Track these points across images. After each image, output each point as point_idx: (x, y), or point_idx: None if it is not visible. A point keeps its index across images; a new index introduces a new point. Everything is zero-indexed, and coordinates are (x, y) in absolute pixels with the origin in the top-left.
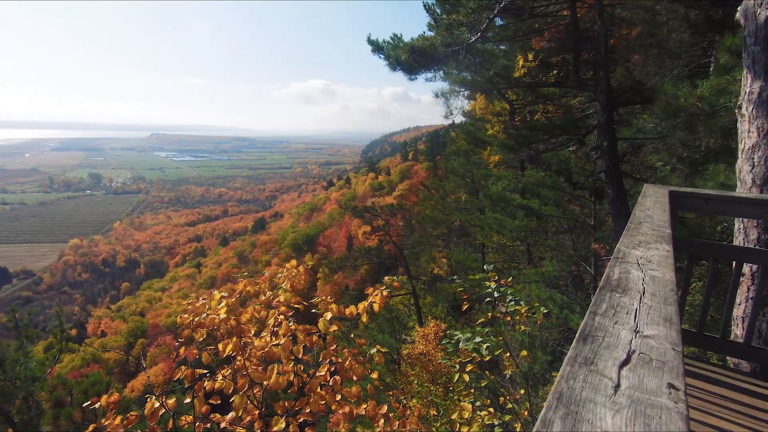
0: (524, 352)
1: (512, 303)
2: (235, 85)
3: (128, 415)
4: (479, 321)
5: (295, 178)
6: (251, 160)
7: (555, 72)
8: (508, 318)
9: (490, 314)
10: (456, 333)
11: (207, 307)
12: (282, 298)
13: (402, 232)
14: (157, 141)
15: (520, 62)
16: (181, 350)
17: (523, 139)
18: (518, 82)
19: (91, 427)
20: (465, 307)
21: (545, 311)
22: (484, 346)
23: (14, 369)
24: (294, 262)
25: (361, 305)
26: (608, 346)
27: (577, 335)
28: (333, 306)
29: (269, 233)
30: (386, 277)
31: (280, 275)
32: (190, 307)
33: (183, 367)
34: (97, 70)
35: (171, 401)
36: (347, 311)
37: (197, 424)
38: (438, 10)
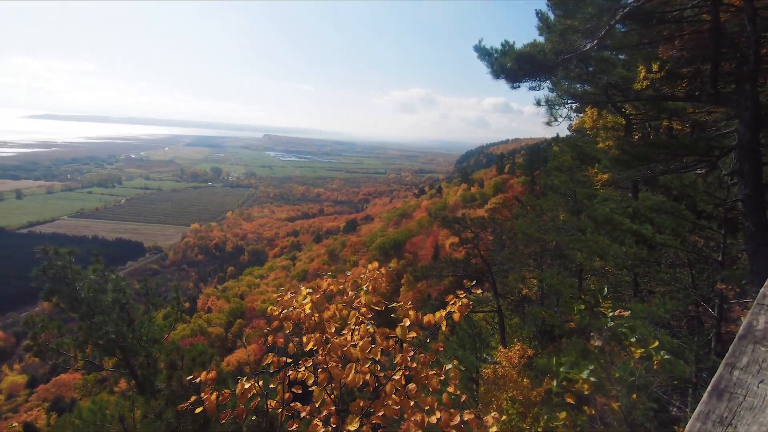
0: (633, 396)
1: (623, 336)
2: (340, 92)
3: (222, 391)
4: (575, 351)
5: (388, 183)
6: (349, 163)
7: (684, 84)
8: (618, 351)
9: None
10: (561, 360)
11: (294, 300)
12: (363, 300)
13: (491, 246)
14: (269, 141)
15: (642, 73)
16: (270, 337)
17: (641, 157)
18: (639, 95)
19: (192, 398)
20: (558, 334)
21: (654, 350)
22: (587, 376)
23: (140, 330)
24: (376, 264)
25: (439, 313)
26: (751, 407)
27: (709, 389)
28: (411, 312)
29: (359, 235)
30: (466, 281)
31: (363, 276)
32: (279, 299)
33: (271, 354)
34: (225, 75)
35: (259, 384)
36: (425, 319)
37: (279, 410)
38: (551, 16)
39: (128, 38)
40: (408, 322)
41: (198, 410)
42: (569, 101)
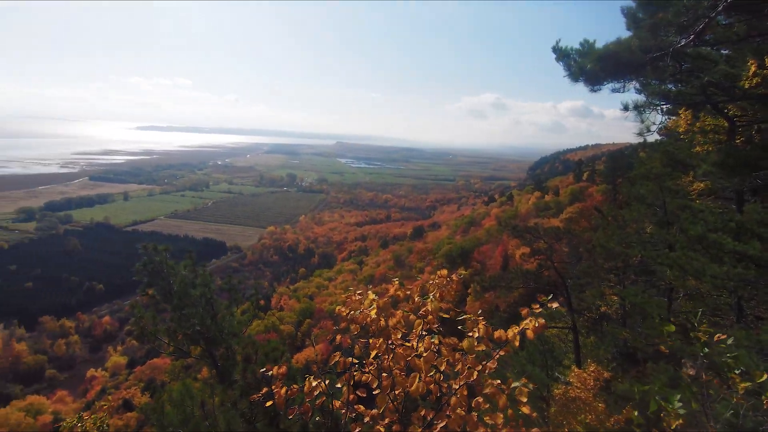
0: None
1: (724, 365)
2: (410, 100)
3: (291, 387)
4: (663, 378)
5: (457, 190)
6: (417, 170)
7: None
8: (716, 383)
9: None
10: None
11: (361, 303)
12: (430, 307)
13: (566, 259)
14: (340, 149)
15: (752, 69)
16: (337, 338)
17: (749, 162)
18: (747, 94)
19: (264, 390)
20: (641, 357)
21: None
22: (678, 408)
23: (222, 323)
24: (445, 271)
25: (512, 330)
26: None
27: None
28: (481, 325)
29: (426, 242)
30: (541, 296)
31: (431, 283)
32: (347, 300)
33: (338, 354)
34: (302, 87)
35: (325, 383)
36: (496, 334)
37: (344, 410)
38: (638, 11)
39: (218, 56)
40: (477, 335)
41: (269, 403)
42: (661, 103)
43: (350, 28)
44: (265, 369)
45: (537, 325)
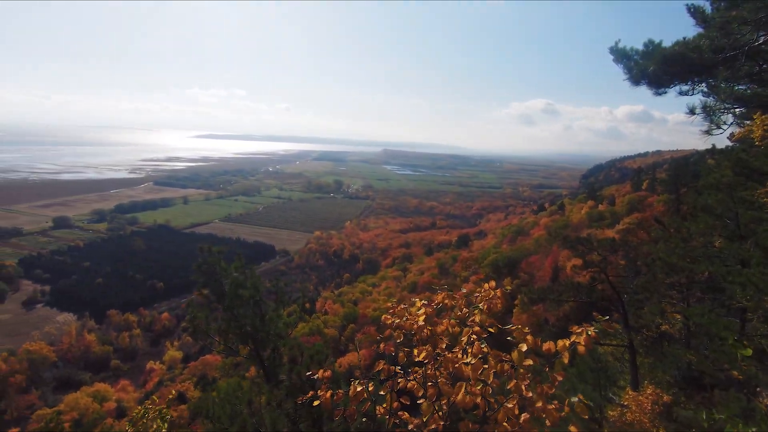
0: None
1: None
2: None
3: (337, 391)
4: (734, 406)
5: (504, 198)
6: (463, 177)
7: None
8: None
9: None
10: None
11: (407, 311)
12: (477, 318)
13: (622, 272)
14: (386, 156)
15: None
16: (381, 345)
17: None
18: None
19: (310, 393)
20: (708, 382)
21: None
22: None
23: (270, 325)
24: (492, 283)
25: (562, 343)
26: None
27: None
28: (530, 338)
29: (471, 250)
30: (596, 314)
31: (477, 295)
32: (393, 308)
33: (382, 362)
34: (350, 95)
35: (370, 389)
36: (545, 346)
37: (388, 417)
38: (707, 9)
39: (271, 67)
40: (525, 348)
41: (315, 403)
42: (734, 106)
43: (399, 36)
44: (311, 372)
45: (588, 337)
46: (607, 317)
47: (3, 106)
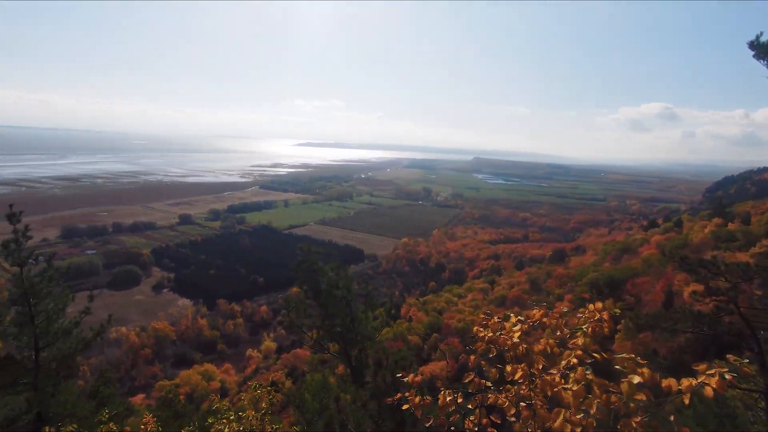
0: None
1: None
2: (555, 113)
3: (425, 397)
4: None
5: (608, 212)
6: (561, 188)
7: None
8: None
9: None
10: None
11: (501, 326)
12: (580, 341)
13: (758, 304)
14: (477, 164)
15: None
16: (471, 357)
17: None
18: None
19: (398, 395)
20: None
21: None
22: None
23: (359, 326)
24: (599, 304)
25: (688, 383)
26: None
27: None
28: (645, 370)
29: (567, 266)
30: (730, 356)
31: (580, 315)
32: (485, 320)
33: (472, 374)
34: (442, 103)
35: (458, 401)
36: (664, 383)
37: (476, 431)
38: None
39: (367, 78)
40: (637, 380)
41: (405, 407)
42: None
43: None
44: (401, 375)
45: (723, 381)
46: (746, 360)
47: (148, 120)
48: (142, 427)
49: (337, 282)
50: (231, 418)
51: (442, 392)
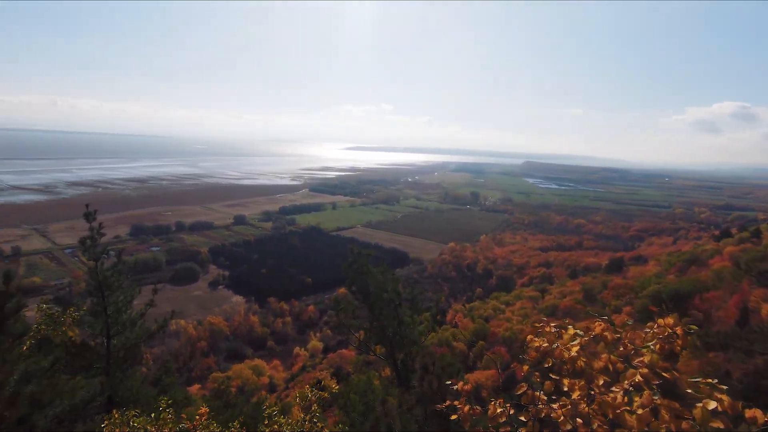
0: None
1: None
2: (614, 114)
3: (474, 407)
4: None
5: (673, 219)
6: (620, 193)
7: None
8: None
9: None
10: None
11: (557, 337)
12: (647, 359)
13: None
14: (528, 168)
15: None
16: (525, 368)
17: None
18: None
19: (446, 402)
20: None
21: None
22: None
23: (405, 330)
24: (670, 320)
25: None
26: None
27: None
28: (725, 397)
29: (625, 277)
30: None
31: (648, 331)
32: (540, 328)
33: (524, 385)
34: (490, 106)
35: (510, 412)
36: (748, 413)
37: None
38: None
39: (415, 82)
40: (712, 406)
41: (453, 417)
42: None
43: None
44: (451, 382)
45: None
46: None
47: (208, 125)
48: (198, 417)
49: (386, 285)
50: (282, 422)
51: (492, 402)
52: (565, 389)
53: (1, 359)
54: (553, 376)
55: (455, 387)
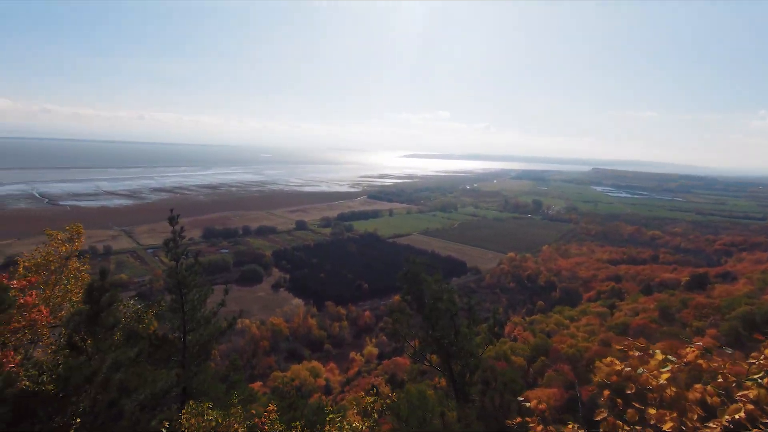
0: None
1: None
2: (691, 116)
3: (548, 427)
4: None
5: None
6: (702, 203)
7: None
8: None
9: None
10: None
11: (643, 362)
12: (752, 394)
13: None
14: (596, 175)
15: None
16: (605, 393)
17: None
18: None
19: (517, 419)
20: None
21: None
22: None
23: (463, 341)
24: None
25: None
26: None
27: None
28: None
29: (710, 295)
30: None
31: (753, 362)
32: (621, 355)
33: (604, 411)
34: (554, 111)
35: None
36: None
37: None
38: None
39: (472, 89)
40: None
41: None
42: None
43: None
44: (523, 398)
45: None
46: None
47: (272, 134)
48: (265, 414)
49: (441, 294)
50: (345, 428)
51: (570, 425)
52: (653, 421)
53: (96, 348)
54: (636, 405)
55: (528, 404)
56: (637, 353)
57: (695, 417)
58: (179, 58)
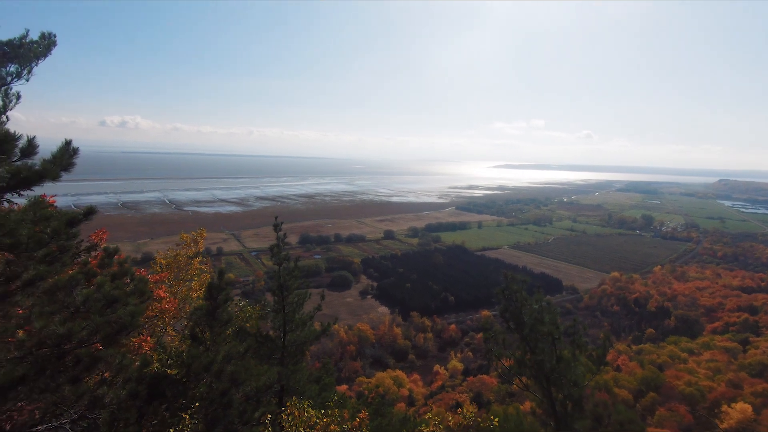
0: None
1: None
2: None
3: None
4: None
5: None
6: None
7: None
8: None
9: None
10: None
11: None
12: None
13: None
14: (723, 188)
15: None
16: None
17: None
18: None
19: None
20: None
21: None
22: None
23: (566, 369)
24: None
25: None
26: None
27: None
28: None
29: None
30: None
31: None
32: (757, 401)
33: None
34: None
35: None
36: None
37: None
38: None
39: (569, 95)
40: None
41: None
42: None
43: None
44: None
45: None
46: None
47: (365, 148)
48: (358, 419)
49: (542, 316)
50: None
51: None
52: None
53: (212, 341)
54: None
55: None
56: None
57: None
58: (284, 79)
